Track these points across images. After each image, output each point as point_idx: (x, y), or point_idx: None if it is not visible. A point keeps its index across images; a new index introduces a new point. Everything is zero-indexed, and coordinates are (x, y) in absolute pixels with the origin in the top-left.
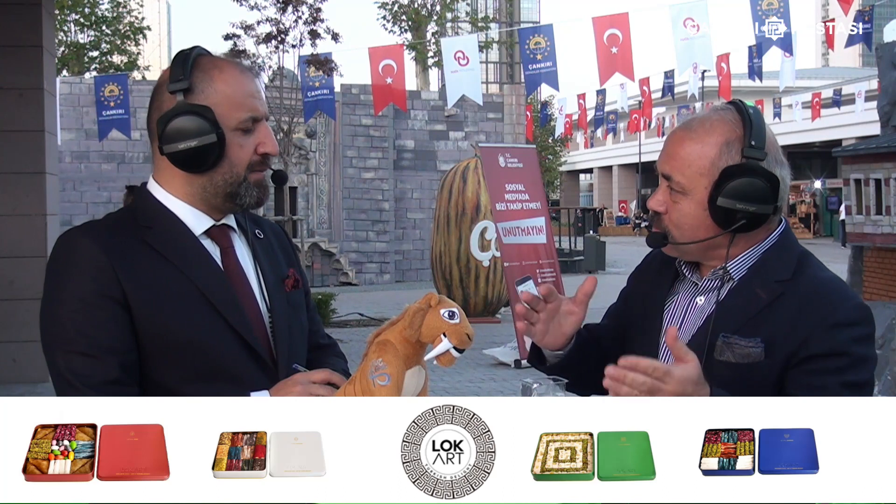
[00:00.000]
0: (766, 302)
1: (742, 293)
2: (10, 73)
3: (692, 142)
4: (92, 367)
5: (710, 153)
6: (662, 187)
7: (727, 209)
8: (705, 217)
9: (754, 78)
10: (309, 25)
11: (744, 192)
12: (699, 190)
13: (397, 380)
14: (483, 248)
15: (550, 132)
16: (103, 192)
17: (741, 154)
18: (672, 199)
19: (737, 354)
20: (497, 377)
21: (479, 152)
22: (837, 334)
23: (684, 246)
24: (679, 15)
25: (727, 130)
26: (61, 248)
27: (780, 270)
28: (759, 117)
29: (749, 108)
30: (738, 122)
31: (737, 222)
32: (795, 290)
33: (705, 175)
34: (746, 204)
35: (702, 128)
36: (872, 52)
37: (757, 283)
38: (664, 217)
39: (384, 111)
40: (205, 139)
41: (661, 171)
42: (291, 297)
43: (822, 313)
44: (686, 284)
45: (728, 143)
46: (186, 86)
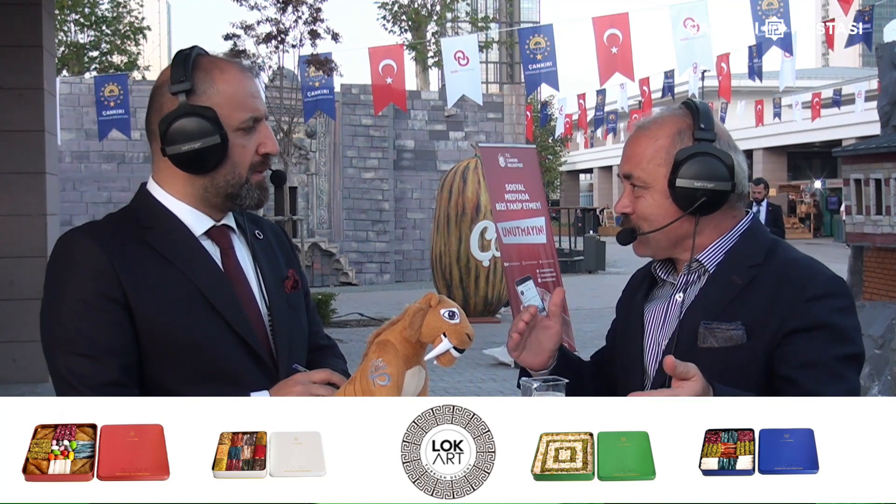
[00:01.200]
0: (740, 286)
1: (717, 282)
2: (10, 73)
3: (646, 138)
4: (92, 368)
5: (664, 144)
6: (626, 190)
7: (686, 189)
8: (669, 205)
9: (754, 78)
10: (309, 25)
11: (699, 172)
12: (659, 180)
13: (397, 380)
14: (483, 248)
15: (550, 132)
16: (103, 192)
17: (693, 139)
18: (635, 196)
19: (719, 339)
20: (497, 377)
21: (479, 152)
22: (814, 307)
23: (652, 238)
24: (679, 15)
25: (677, 121)
26: (62, 248)
27: (753, 256)
28: (705, 107)
29: (696, 101)
30: (687, 114)
31: (697, 201)
32: (768, 272)
33: (662, 165)
34: (704, 182)
35: (654, 125)
36: (872, 52)
37: (731, 270)
38: (632, 217)
39: (384, 111)
40: (208, 140)
41: (623, 172)
42: (291, 298)
43: (797, 289)
44: (665, 287)
45: (679, 131)
46: (188, 87)
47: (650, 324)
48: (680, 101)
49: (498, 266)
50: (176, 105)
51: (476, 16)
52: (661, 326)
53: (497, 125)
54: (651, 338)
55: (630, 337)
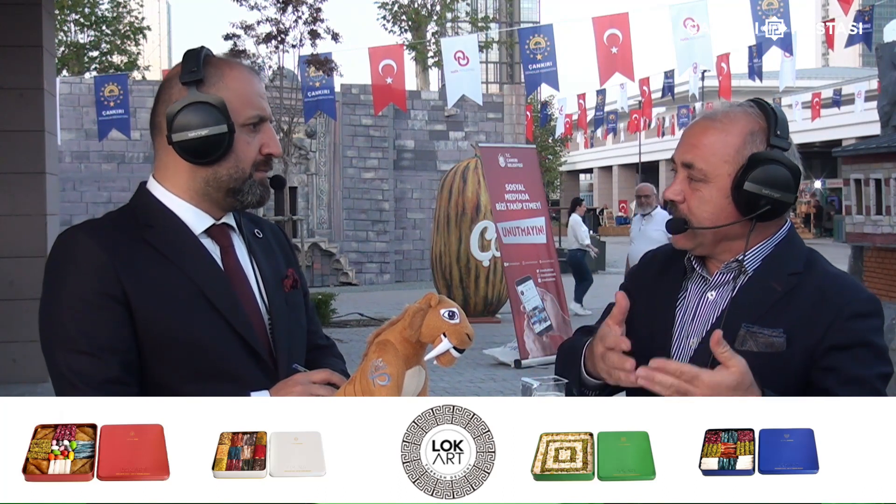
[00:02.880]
0: (781, 293)
1: (757, 285)
2: (10, 73)
3: (716, 131)
4: (92, 366)
5: (734, 141)
6: (680, 177)
7: (751, 195)
8: (726, 204)
9: (754, 78)
10: (309, 25)
11: (771, 179)
12: (722, 177)
13: (397, 380)
14: (483, 248)
15: (550, 132)
16: (103, 192)
17: (767, 143)
18: (691, 188)
19: (760, 344)
20: (497, 377)
21: (479, 152)
22: (855, 325)
23: (701, 234)
24: (679, 15)
25: (751, 121)
26: (61, 246)
27: (792, 263)
28: (783, 114)
29: (773, 104)
30: (761, 116)
31: (760, 209)
32: (809, 283)
33: (729, 162)
34: (772, 190)
35: (726, 118)
36: (872, 52)
37: (771, 275)
38: (681, 206)
39: (384, 111)
40: (215, 129)
41: (682, 160)
42: (290, 298)
43: (838, 306)
44: (695, 280)
45: (752, 132)
46: (200, 77)
47: (679, 319)
48: (751, 98)
49: (498, 266)
50: (185, 94)
51: (476, 16)
52: (691, 322)
53: (497, 125)
54: (679, 333)
55: (659, 329)
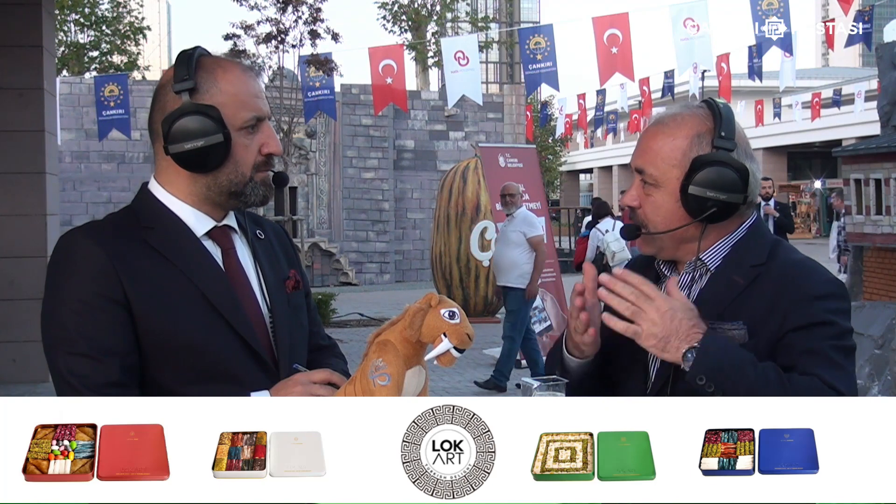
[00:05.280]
0: (742, 286)
1: (719, 281)
2: (10, 73)
3: (664, 136)
4: (93, 369)
5: (681, 145)
6: (636, 183)
7: (698, 197)
8: (678, 208)
9: (754, 78)
10: (309, 25)
11: (714, 181)
12: (671, 181)
13: (397, 380)
14: (483, 248)
15: (550, 132)
16: (103, 192)
17: (711, 145)
18: (645, 193)
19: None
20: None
21: (479, 152)
22: (816, 306)
23: (657, 238)
24: (679, 15)
25: (697, 123)
26: (62, 249)
27: (755, 256)
28: (728, 111)
29: (720, 103)
30: (709, 116)
31: (707, 211)
32: (770, 272)
33: (677, 166)
34: (717, 192)
35: (673, 122)
36: (872, 52)
37: (733, 270)
38: (638, 212)
39: (384, 111)
40: (211, 139)
41: (635, 165)
42: (292, 298)
43: (799, 289)
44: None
45: (699, 135)
46: (192, 85)
47: None
48: (701, 99)
49: None
50: (179, 104)
51: (476, 16)
52: None
53: (497, 125)
54: None
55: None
